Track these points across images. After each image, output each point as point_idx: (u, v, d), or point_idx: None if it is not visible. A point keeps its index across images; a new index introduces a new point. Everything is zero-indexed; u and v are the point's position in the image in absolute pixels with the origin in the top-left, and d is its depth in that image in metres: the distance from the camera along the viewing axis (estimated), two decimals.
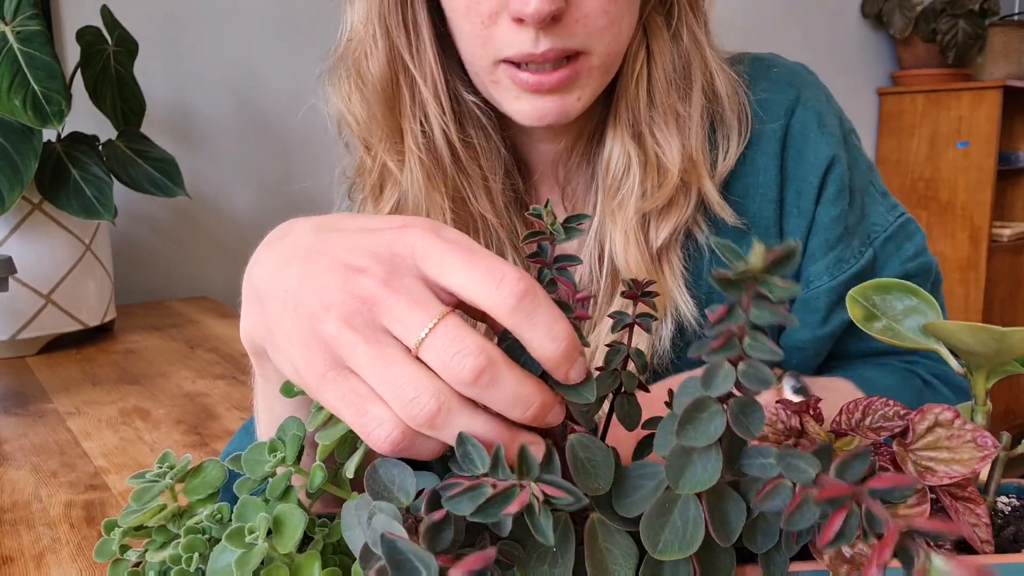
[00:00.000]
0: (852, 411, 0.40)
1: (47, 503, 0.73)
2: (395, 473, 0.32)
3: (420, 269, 0.36)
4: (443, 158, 0.67)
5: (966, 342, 0.39)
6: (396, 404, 0.34)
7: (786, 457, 0.32)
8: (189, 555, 0.32)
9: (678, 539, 0.32)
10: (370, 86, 0.67)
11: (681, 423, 0.32)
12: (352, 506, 0.31)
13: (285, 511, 0.32)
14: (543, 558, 0.32)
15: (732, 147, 0.68)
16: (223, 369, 1.16)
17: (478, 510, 0.30)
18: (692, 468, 0.32)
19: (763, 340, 0.32)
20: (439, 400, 0.33)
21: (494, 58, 0.61)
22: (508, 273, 0.34)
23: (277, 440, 0.36)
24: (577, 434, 0.34)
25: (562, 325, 0.34)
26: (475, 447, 0.32)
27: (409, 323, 0.34)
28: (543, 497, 0.30)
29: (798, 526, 0.31)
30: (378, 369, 0.34)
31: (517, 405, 0.34)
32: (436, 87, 0.66)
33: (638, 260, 0.66)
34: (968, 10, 2.79)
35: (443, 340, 0.33)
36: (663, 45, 0.67)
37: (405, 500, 0.32)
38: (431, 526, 0.28)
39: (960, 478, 0.37)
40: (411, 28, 0.65)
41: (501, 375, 0.33)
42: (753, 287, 0.31)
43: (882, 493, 0.30)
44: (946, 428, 0.38)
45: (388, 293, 0.34)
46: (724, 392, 0.32)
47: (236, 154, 1.79)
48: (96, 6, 1.36)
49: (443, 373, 0.33)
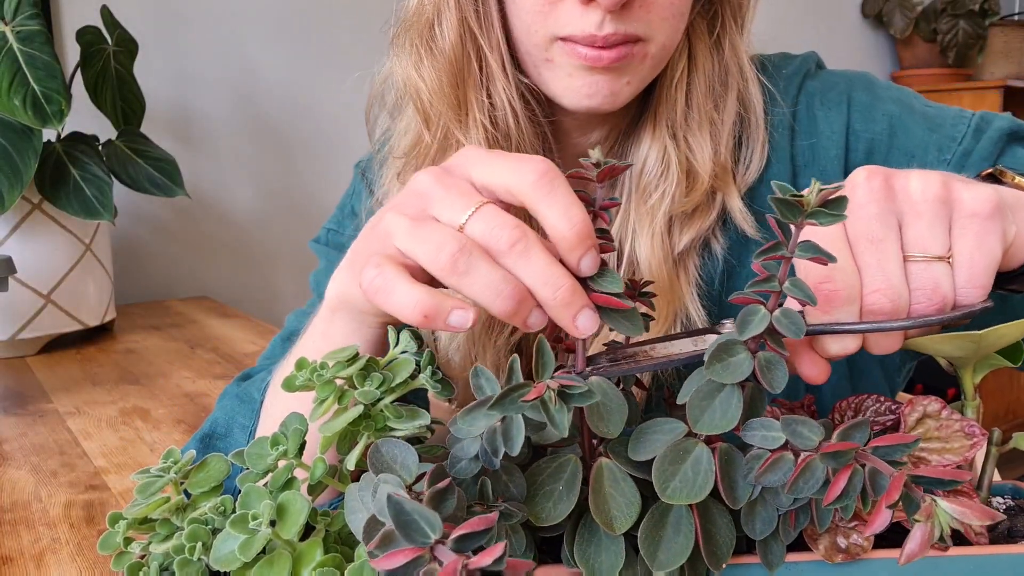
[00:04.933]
0: (845, 409, 0.42)
1: (47, 503, 0.72)
2: (397, 452, 0.33)
3: (468, 174, 0.41)
4: (509, 132, 0.67)
5: (947, 351, 0.41)
6: (424, 257, 0.38)
7: (791, 424, 0.33)
8: (192, 544, 0.32)
9: (688, 486, 0.33)
10: (440, 54, 0.66)
11: (710, 360, 0.34)
12: (355, 488, 0.31)
13: (288, 498, 0.32)
14: (548, 497, 0.33)
15: (755, 157, 0.69)
16: (223, 369, 1.16)
17: (495, 403, 0.32)
18: (712, 410, 0.33)
19: (802, 283, 0.33)
20: (460, 242, 0.38)
21: (552, 35, 0.60)
22: (533, 158, 0.39)
23: (279, 434, 0.36)
24: (597, 377, 0.36)
25: (578, 210, 0.38)
26: (488, 379, 0.35)
27: (456, 208, 0.39)
28: (557, 387, 0.32)
29: (802, 492, 0.32)
30: (413, 233, 0.39)
31: (548, 283, 0.37)
32: (503, 59, 0.65)
33: (660, 263, 0.66)
34: (968, 10, 2.79)
35: (484, 218, 0.38)
36: (705, 52, 0.67)
37: (408, 477, 0.32)
38: (435, 493, 0.29)
39: (953, 466, 0.37)
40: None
41: (534, 249, 0.37)
42: (804, 218, 0.33)
43: (885, 450, 0.31)
44: (935, 419, 0.39)
45: (438, 187, 0.40)
46: (758, 333, 0.33)
47: (236, 154, 1.79)
48: (96, 6, 1.36)
49: (484, 244, 0.38)
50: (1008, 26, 2.94)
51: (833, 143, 0.69)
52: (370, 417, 0.37)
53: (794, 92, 0.71)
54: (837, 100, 0.70)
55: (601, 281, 0.38)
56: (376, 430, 0.37)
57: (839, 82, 0.71)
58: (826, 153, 0.69)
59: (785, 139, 0.70)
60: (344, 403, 0.37)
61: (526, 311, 0.38)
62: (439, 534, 0.26)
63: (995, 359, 0.42)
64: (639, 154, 0.68)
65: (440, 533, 0.25)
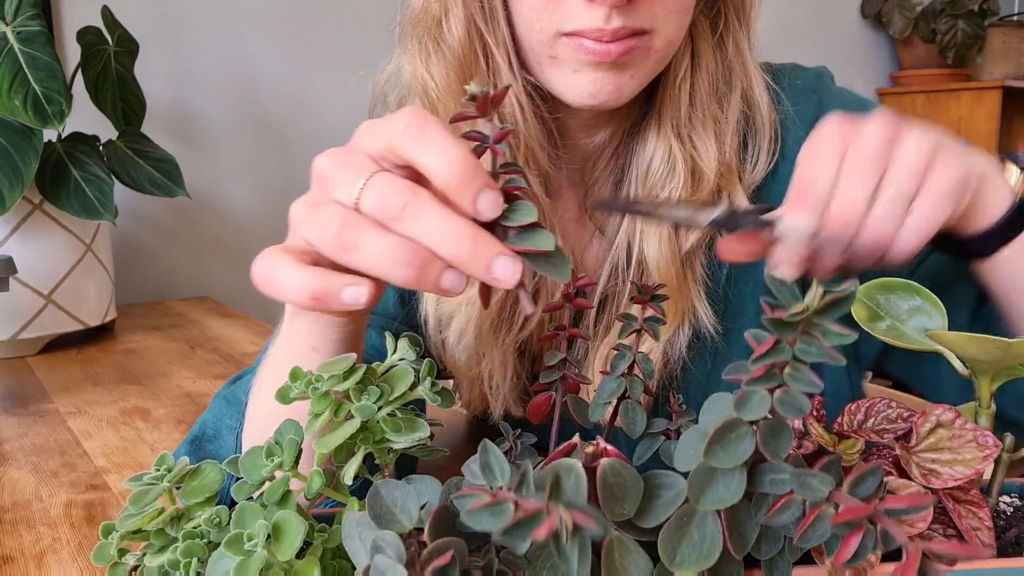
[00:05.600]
0: (854, 412, 0.40)
1: (47, 503, 0.73)
2: (397, 495, 0.32)
3: (363, 146, 0.39)
4: (517, 129, 0.67)
5: (971, 352, 0.40)
6: (315, 241, 0.37)
7: (800, 476, 0.32)
8: (188, 560, 0.32)
9: (695, 553, 0.32)
10: (448, 50, 0.66)
11: (710, 443, 0.32)
12: (353, 520, 0.31)
13: (284, 518, 0.31)
14: (555, 570, 0.31)
15: (762, 158, 0.69)
16: (223, 369, 1.17)
17: (505, 532, 0.29)
18: (715, 487, 0.32)
19: (805, 371, 0.31)
20: (343, 218, 0.36)
21: (557, 30, 0.60)
22: (403, 110, 0.37)
23: (274, 444, 0.36)
24: (610, 459, 0.34)
25: (456, 149, 0.35)
26: (497, 458, 0.32)
27: (350, 184, 0.37)
28: (572, 525, 0.29)
29: (811, 543, 0.31)
30: (307, 220, 0.38)
31: (448, 238, 0.34)
32: (509, 56, 0.65)
33: (668, 262, 0.67)
34: (968, 10, 2.78)
35: (374, 187, 0.36)
36: (708, 50, 0.67)
37: (408, 523, 0.31)
38: (435, 572, 0.28)
39: (964, 480, 0.36)
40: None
41: (426, 205, 0.35)
42: (806, 329, 0.31)
43: (899, 513, 0.30)
44: (947, 428, 0.38)
45: (334, 167, 0.38)
46: (756, 418, 0.32)
47: (236, 154, 1.79)
48: (96, 6, 1.36)
49: (378, 215, 0.36)
50: (1007, 26, 2.94)
51: None
52: (368, 430, 0.37)
53: (813, 101, 0.72)
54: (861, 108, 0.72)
55: (514, 217, 0.34)
56: (374, 443, 0.37)
57: (852, 102, 0.73)
58: None
59: (805, 127, 0.70)
60: (340, 416, 0.37)
61: (434, 275, 0.35)
62: None
63: (1017, 369, 0.41)
64: (644, 154, 0.69)
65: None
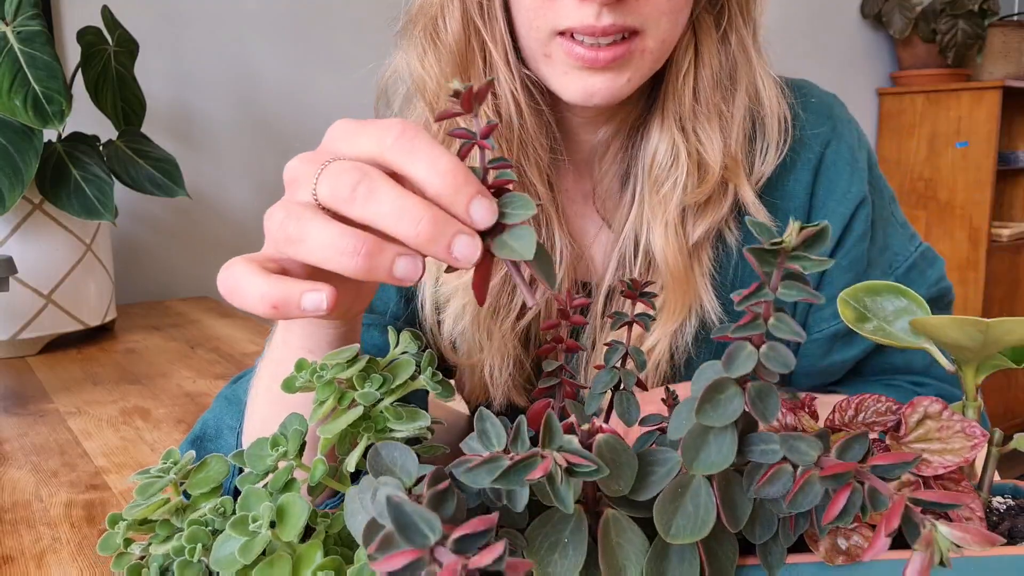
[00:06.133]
0: (845, 408, 0.41)
1: (47, 503, 0.73)
2: (397, 455, 0.33)
3: (336, 151, 0.38)
4: (512, 123, 0.67)
5: (953, 336, 0.40)
6: (269, 236, 0.37)
7: (789, 440, 0.33)
8: (192, 546, 0.32)
9: (690, 523, 0.32)
10: (444, 47, 0.67)
11: (701, 403, 0.33)
12: (355, 491, 0.31)
13: (288, 500, 0.32)
14: (554, 548, 0.32)
15: (771, 152, 0.70)
16: (223, 369, 1.17)
17: (500, 477, 0.30)
18: (707, 449, 0.33)
19: (787, 320, 0.32)
20: (288, 210, 0.36)
21: (551, 29, 0.61)
22: (389, 121, 0.36)
23: (279, 435, 0.36)
24: (606, 434, 0.34)
25: (446, 158, 0.34)
26: (493, 424, 0.32)
27: (308, 180, 0.37)
28: (566, 464, 0.30)
29: (801, 507, 0.32)
30: (267, 221, 0.38)
31: (403, 218, 0.33)
32: (506, 52, 0.66)
33: (676, 254, 0.67)
34: (968, 10, 2.79)
35: (326, 176, 0.36)
36: (711, 46, 0.68)
37: (407, 480, 0.32)
38: (434, 495, 0.28)
39: (954, 467, 0.37)
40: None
41: (379, 187, 0.34)
42: (785, 261, 0.32)
43: (884, 470, 0.31)
44: (935, 420, 0.39)
45: (303, 168, 0.38)
46: (745, 372, 0.32)
47: (236, 154, 1.79)
48: (96, 6, 1.36)
49: (331, 203, 0.35)
50: (1007, 26, 2.94)
51: (844, 212, 0.72)
52: (370, 418, 0.37)
53: (827, 131, 0.73)
54: (865, 150, 0.75)
55: (510, 211, 0.34)
56: (376, 431, 0.37)
57: (869, 152, 0.76)
58: (838, 209, 0.72)
59: (807, 175, 0.72)
60: (344, 404, 0.37)
61: (386, 263, 0.34)
62: (439, 535, 0.25)
63: (999, 360, 0.41)
64: (648, 147, 0.69)
65: (440, 534, 0.25)
